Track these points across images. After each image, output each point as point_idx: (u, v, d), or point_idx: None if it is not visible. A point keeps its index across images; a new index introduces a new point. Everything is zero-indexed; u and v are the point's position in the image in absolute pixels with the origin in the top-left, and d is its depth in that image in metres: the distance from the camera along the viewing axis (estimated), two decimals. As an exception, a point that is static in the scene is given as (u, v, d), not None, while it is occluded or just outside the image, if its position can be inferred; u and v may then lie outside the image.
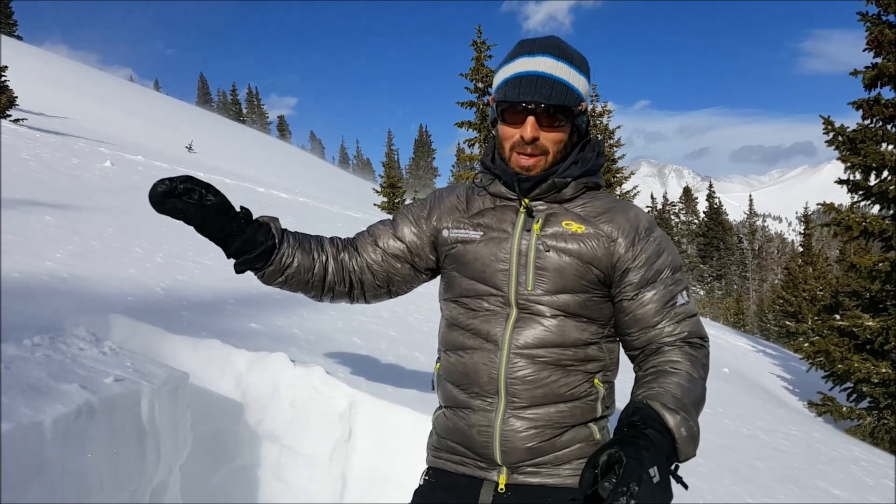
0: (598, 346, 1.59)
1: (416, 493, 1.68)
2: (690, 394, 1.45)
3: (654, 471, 1.18)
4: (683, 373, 1.48)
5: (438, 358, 1.71)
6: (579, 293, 1.54)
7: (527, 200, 1.58)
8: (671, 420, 1.36)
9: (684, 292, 1.59)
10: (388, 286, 1.80)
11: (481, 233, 1.61)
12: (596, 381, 1.57)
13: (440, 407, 1.70)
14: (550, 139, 1.53)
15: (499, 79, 1.57)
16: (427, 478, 1.68)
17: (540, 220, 1.57)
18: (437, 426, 1.70)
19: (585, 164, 1.61)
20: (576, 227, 1.56)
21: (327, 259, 1.73)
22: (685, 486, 1.30)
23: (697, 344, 1.56)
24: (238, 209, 1.60)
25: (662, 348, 1.55)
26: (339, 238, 1.81)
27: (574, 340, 1.54)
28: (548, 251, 1.54)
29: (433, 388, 1.74)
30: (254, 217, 1.64)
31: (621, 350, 1.69)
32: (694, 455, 1.38)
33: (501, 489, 1.55)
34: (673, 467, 1.28)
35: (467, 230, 1.63)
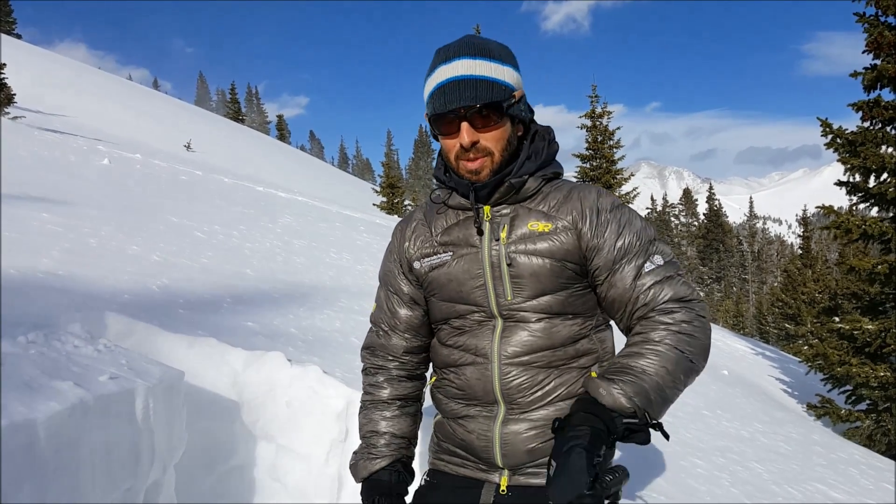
0: (589, 338, 1.57)
1: (416, 493, 1.67)
2: (638, 357, 1.39)
3: (588, 463, 1.18)
4: (639, 342, 1.43)
5: (433, 374, 1.71)
6: (559, 292, 1.52)
7: (488, 208, 1.55)
8: (603, 391, 1.33)
9: (655, 256, 1.51)
10: (428, 344, 1.76)
11: (450, 253, 1.58)
12: (592, 374, 1.53)
13: (439, 413, 1.70)
14: (490, 139, 1.49)
15: (425, 94, 1.53)
16: (427, 479, 1.68)
17: (506, 226, 1.53)
18: (437, 430, 1.70)
19: (539, 156, 1.56)
20: (542, 225, 1.52)
21: (407, 400, 1.74)
22: (666, 436, 1.33)
23: (668, 309, 1.46)
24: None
25: (637, 324, 1.49)
26: (372, 380, 1.75)
27: (563, 339, 1.52)
28: (519, 257, 1.51)
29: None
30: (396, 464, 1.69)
31: (616, 338, 1.66)
32: (655, 411, 1.34)
33: (503, 490, 1.54)
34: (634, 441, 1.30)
35: (438, 254, 1.60)
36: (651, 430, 1.32)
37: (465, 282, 1.56)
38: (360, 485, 1.67)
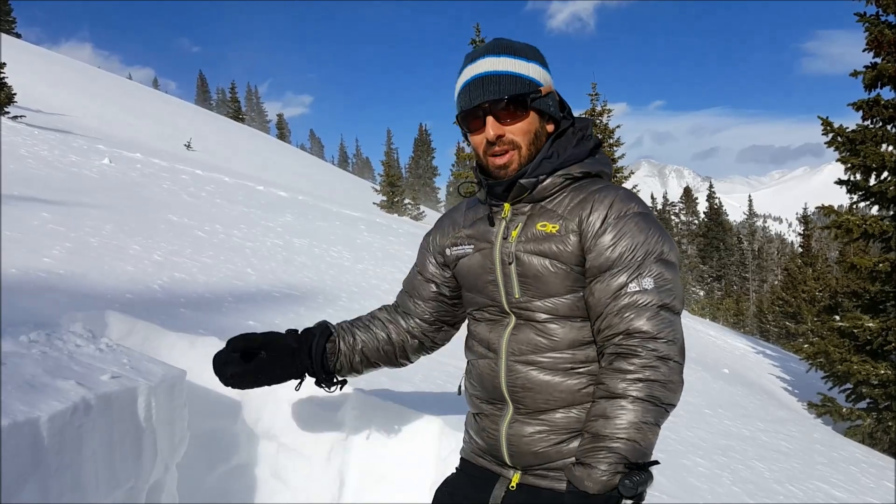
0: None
1: (445, 479, 1.74)
2: (606, 421, 1.37)
3: None
4: (604, 396, 1.40)
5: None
6: (566, 295, 1.50)
7: (508, 206, 1.56)
8: (588, 483, 1.34)
9: (645, 279, 1.42)
10: (446, 324, 1.86)
11: (472, 246, 1.62)
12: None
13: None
14: (516, 131, 1.51)
15: (455, 95, 1.58)
16: (457, 467, 1.74)
17: (520, 225, 1.54)
18: (467, 422, 1.75)
19: (563, 153, 1.55)
20: (550, 227, 1.50)
21: (387, 331, 1.85)
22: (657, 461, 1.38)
23: (630, 350, 1.39)
24: (294, 342, 1.89)
25: (602, 358, 1.46)
26: (388, 307, 1.93)
27: (570, 343, 1.50)
28: (525, 256, 1.51)
29: (459, 393, 1.78)
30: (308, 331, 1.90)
31: None
32: (642, 460, 1.35)
33: (512, 487, 1.57)
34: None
35: (463, 245, 1.65)
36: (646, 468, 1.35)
37: (480, 275, 1.59)
38: None
